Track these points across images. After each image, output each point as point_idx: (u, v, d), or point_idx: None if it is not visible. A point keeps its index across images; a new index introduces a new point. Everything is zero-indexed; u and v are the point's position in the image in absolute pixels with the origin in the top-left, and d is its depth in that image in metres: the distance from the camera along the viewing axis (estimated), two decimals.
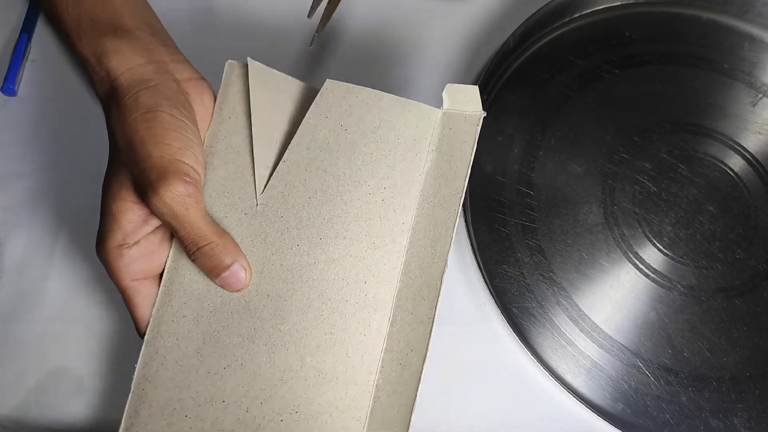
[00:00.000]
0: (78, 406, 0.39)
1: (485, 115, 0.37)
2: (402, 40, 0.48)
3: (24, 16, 0.48)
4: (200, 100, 0.36)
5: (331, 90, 0.37)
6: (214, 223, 0.34)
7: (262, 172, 0.36)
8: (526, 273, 0.42)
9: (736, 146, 0.46)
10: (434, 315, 0.34)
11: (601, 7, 0.50)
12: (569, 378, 0.40)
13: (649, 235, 0.43)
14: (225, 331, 0.34)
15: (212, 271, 0.34)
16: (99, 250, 0.34)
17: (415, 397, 0.33)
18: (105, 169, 0.36)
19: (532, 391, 0.40)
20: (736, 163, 0.46)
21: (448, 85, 0.37)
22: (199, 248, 0.33)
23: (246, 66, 0.37)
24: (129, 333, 0.41)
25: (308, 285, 0.35)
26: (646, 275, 0.42)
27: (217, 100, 0.37)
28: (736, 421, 0.39)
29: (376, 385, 0.34)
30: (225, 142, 0.37)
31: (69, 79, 0.47)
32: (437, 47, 0.48)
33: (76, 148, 0.45)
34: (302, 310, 0.35)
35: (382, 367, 0.35)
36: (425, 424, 0.39)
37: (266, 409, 0.33)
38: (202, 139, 0.36)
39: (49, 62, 0.48)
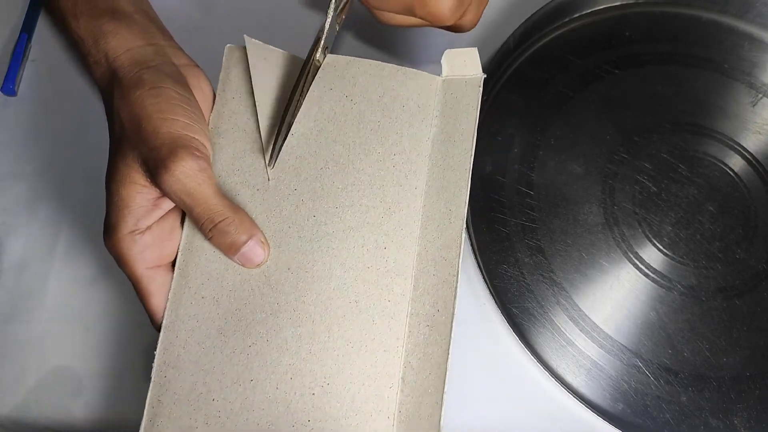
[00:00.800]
0: (78, 406, 0.39)
1: (485, 76, 0.37)
2: (402, 40, 0.48)
3: (24, 16, 0.48)
4: (198, 84, 0.36)
5: (333, 63, 0.37)
6: (228, 199, 0.34)
7: (270, 148, 0.36)
8: (526, 273, 0.42)
9: (736, 146, 0.46)
10: (458, 273, 0.34)
11: (601, 7, 0.50)
12: (569, 378, 0.40)
13: (649, 235, 0.43)
14: (247, 309, 0.34)
15: (230, 248, 0.33)
16: (109, 239, 0.33)
17: (448, 357, 0.33)
18: (104, 170, 0.35)
19: (532, 391, 0.40)
20: (736, 163, 0.46)
21: (447, 51, 0.37)
22: (215, 225, 0.32)
23: (245, 49, 0.37)
24: (129, 333, 0.41)
25: (329, 255, 0.35)
26: (646, 275, 0.42)
27: (219, 82, 0.37)
28: (736, 421, 0.39)
29: (406, 350, 0.34)
30: (230, 122, 0.37)
31: (69, 79, 0.47)
32: (437, 47, 0.48)
33: (76, 148, 0.45)
34: (325, 280, 0.34)
35: (410, 332, 0.34)
36: None
37: (297, 384, 0.33)
38: (207, 120, 0.36)
39: (49, 62, 0.48)
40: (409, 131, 0.37)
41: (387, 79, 0.37)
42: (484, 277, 0.40)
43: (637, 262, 0.43)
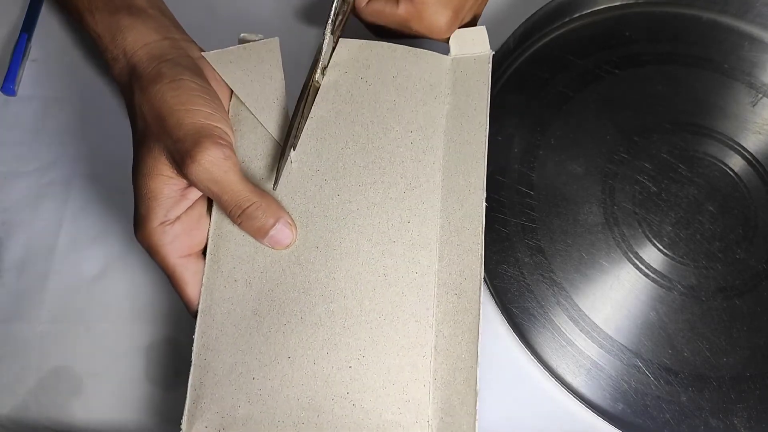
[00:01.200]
0: (78, 406, 0.39)
1: (494, 53, 0.39)
2: (401, 40, 0.48)
3: (24, 16, 0.48)
4: (213, 75, 0.37)
5: (346, 47, 0.38)
6: (253, 184, 0.34)
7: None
8: (526, 273, 0.42)
9: (736, 146, 0.46)
10: (482, 241, 0.35)
11: (601, 7, 0.50)
12: (569, 378, 0.40)
13: (649, 235, 0.43)
14: (279, 289, 0.35)
15: (259, 232, 0.34)
16: (140, 232, 0.34)
17: (478, 322, 0.34)
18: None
19: (532, 391, 0.40)
20: (736, 163, 0.46)
21: (456, 31, 0.39)
22: (243, 210, 0.33)
23: (256, 37, 0.39)
24: (129, 334, 0.41)
25: (355, 231, 0.36)
26: (646, 275, 0.42)
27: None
28: (736, 421, 0.39)
29: (437, 320, 0.35)
30: (249, 109, 0.37)
31: (69, 79, 0.47)
32: (437, 47, 0.48)
33: (77, 148, 0.45)
34: (353, 256, 0.35)
35: (438, 302, 0.35)
36: None
37: (333, 358, 0.34)
38: (227, 109, 0.37)
39: (49, 62, 0.48)
40: (424, 109, 0.38)
41: (399, 60, 0.38)
42: (484, 277, 0.40)
43: (637, 262, 0.43)
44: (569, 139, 0.46)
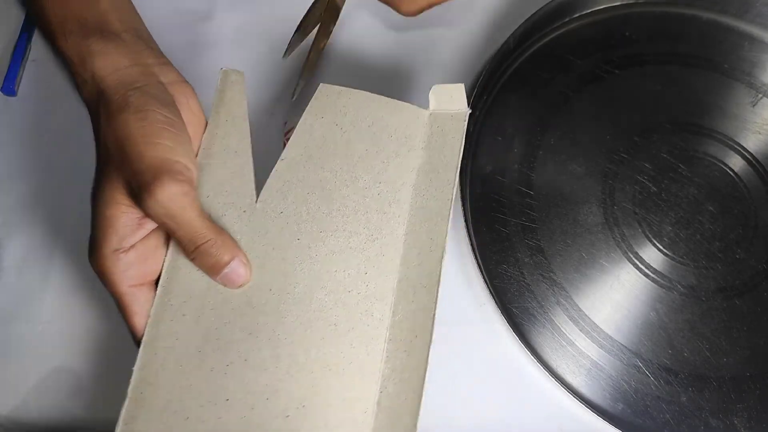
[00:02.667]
0: (78, 406, 0.39)
1: (470, 111, 0.38)
2: (402, 40, 0.48)
3: (24, 16, 0.48)
4: (185, 102, 0.36)
5: (326, 93, 0.38)
6: (211, 221, 0.34)
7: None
8: (526, 273, 0.42)
9: (736, 146, 0.46)
10: (436, 301, 0.34)
11: (601, 7, 0.50)
12: (569, 378, 0.40)
13: (649, 235, 0.43)
14: (227, 328, 0.34)
15: (212, 269, 0.34)
16: (93, 257, 0.33)
17: (423, 383, 0.33)
18: None
19: (532, 391, 0.40)
20: (736, 163, 0.46)
21: (435, 86, 0.38)
22: (197, 247, 0.33)
23: (238, 73, 0.38)
24: (129, 334, 0.41)
25: (310, 277, 0.35)
26: (646, 275, 0.42)
27: (213, 104, 0.38)
28: (736, 421, 0.39)
29: (383, 375, 0.34)
30: (222, 144, 0.37)
31: (69, 79, 0.47)
32: (437, 48, 0.48)
33: (76, 149, 0.45)
34: (305, 303, 0.35)
35: (387, 357, 0.34)
36: (425, 424, 0.39)
37: (272, 406, 0.33)
38: (199, 141, 0.37)
39: (49, 62, 0.48)
40: (395, 161, 0.37)
41: (377, 109, 0.38)
42: (484, 277, 0.40)
43: (637, 262, 0.43)
44: (569, 139, 0.46)
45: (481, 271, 0.40)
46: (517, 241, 0.43)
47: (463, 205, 0.41)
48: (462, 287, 0.42)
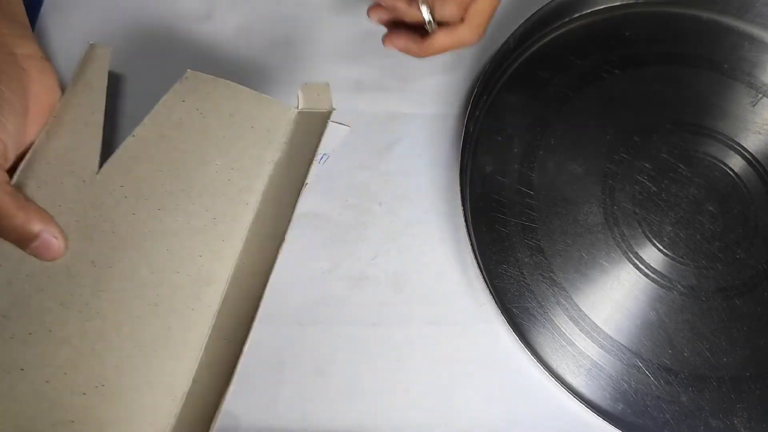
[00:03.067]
0: None
1: (335, 109, 0.39)
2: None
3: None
4: (39, 77, 0.36)
5: (192, 79, 0.38)
6: (17, 195, 0.33)
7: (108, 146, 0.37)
8: (526, 273, 0.42)
9: (736, 146, 0.46)
10: (264, 290, 0.34)
11: (601, 7, 0.50)
12: (569, 378, 0.40)
13: (649, 235, 0.43)
14: (38, 296, 0.33)
15: (21, 243, 0.33)
16: None
17: (233, 375, 0.32)
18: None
19: (532, 391, 0.40)
20: (736, 163, 0.46)
21: (303, 85, 0.39)
22: (3, 221, 0.32)
23: (105, 49, 0.39)
24: None
25: (139, 253, 0.34)
26: (646, 275, 0.42)
27: (73, 75, 0.38)
28: (736, 421, 0.39)
29: (200, 364, 0.33)
30: (74, 114, 0.37)
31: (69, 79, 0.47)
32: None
33: None
34: (127, 279, 0.34)
35: (209, 344, 0.34)
36: (425, 424, 0.39)
37: (69, 381, 0.31)
38: (47, 117, 0.36)
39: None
40: (253, 151, 0.38)
41: (243, 101, 0.38)
42: (484, 277, 0.40)
43: (637, 262, 0.43)
44: (569, 139, 0.46)
45: (481, 271, 0.40)
46: (517, 241, 0.43)
47: (463, 205, 0.41)
48: (462, 287, 0.42)
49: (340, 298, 0.41)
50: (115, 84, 0.45)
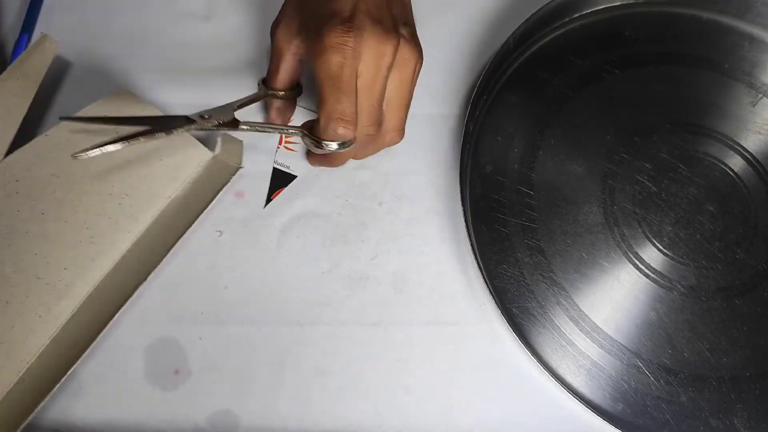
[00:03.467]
0: (78, 406, 0.39)
1: (243, 168, 0.41)
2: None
3: (24, 16, 0.48)
4: None
5: (118, 95, 0.39)
6: None
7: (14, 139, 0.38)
8: (526, 273, 0.42)
9: (736, 146, 0.46)
10: (112, 320, 0.36)
11: (601, 7, 0.50)
12: (569, 378, 0.40)
13: (649, 235, 0.43)
14: None
15: None
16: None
17: (53, 386, 0.34)
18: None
19: (532, 391, 0.40)
20: (736, 163, 0.46)
21: (222, 134, 0.40)
22: None
23: (53, 42, 0.40)
24: (129, 333, 0.41)
25: (9, 250, 0.36)
26: (646, 275, 0.42)
27: (17, 60, 0.39)
28: (736, 421, 0.39)
29: (29, 367, 0.35)
30: (6, 99, 0.38)
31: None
32: (437, 47, 0.48)
33: None
34: None
35: (43, 353, 0.36)
36: (425, 424, 0.39)
37: None
38: None
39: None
40: (153, 183, 0.38)
41: None
42: (484, 277, 0.40)
43: (637, 262, 0.43)
44: (569, 139, 0.46)
45: (481, 271, 0.40)
46: (517, 241, 0.43)
47: (463, 205, 0.41)
48: (462, 287, 0.42)
49: (340, 298, 0.41)
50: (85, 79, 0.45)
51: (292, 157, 0.44)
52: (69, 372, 0.34)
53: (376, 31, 0.34)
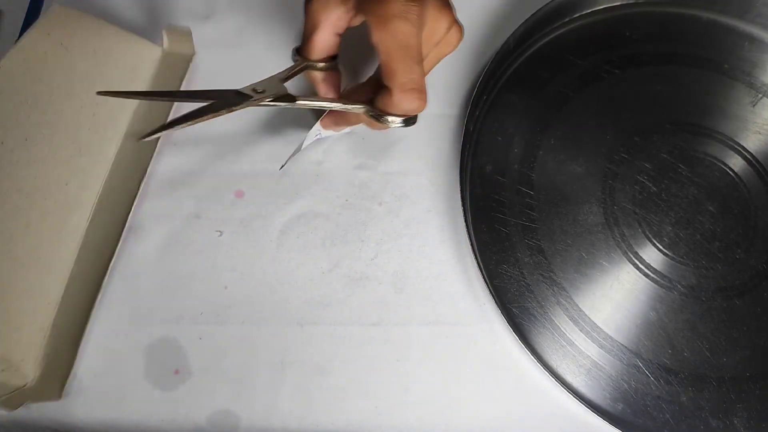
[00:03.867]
0: (78, 406, 0.39)
1: (196, 53, 0.42)
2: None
3: (24, 17, 0.48)
4: None
5: (59, 13, 0.39)
6: None
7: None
8: (526, 273, 0.42)
9: (736, 146, 0.46)
10: (129, 215, 0.40)
11: (601, 7, 0.50)
12: (569, 378, 0.40)
13: (649, 235, 0.43)
14: None
15: None
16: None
17: (103, 280, 0.38)
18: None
19: (532, 391, 0.40)
20: (736, 163, 0.46)
21: (166, 26, 0.42)
22: None
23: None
24: (129, 333, 0.41)
25: (9, 180, 0.37)
26: (646, 275, 0.42)
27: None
28: (736, 421, 0.39)
29: (71, 273, 0.38)
30: None
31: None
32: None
33: None
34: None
35: (79, 258, 0.39)
36: (425, 424, 0.39)
37: None
38: None
39: None
40: (118, 87, 0.40)
41: (108, 38, 0.40)
42: (484, 277, 0.40)
43: (637, 262, 0.43)
44: (569, 139, 0.46)
45: (481, 271, 0.41)
46: (517, 241, 0.43)
47: (463, 205, 0.41)
48: (462, 287, 0.42)
49: (340, 298, 0.41)
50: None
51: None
52: (109, 269, 0.38)
53: (437, 4, 0.33)
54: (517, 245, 0.43)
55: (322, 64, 0.38)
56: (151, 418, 0.39)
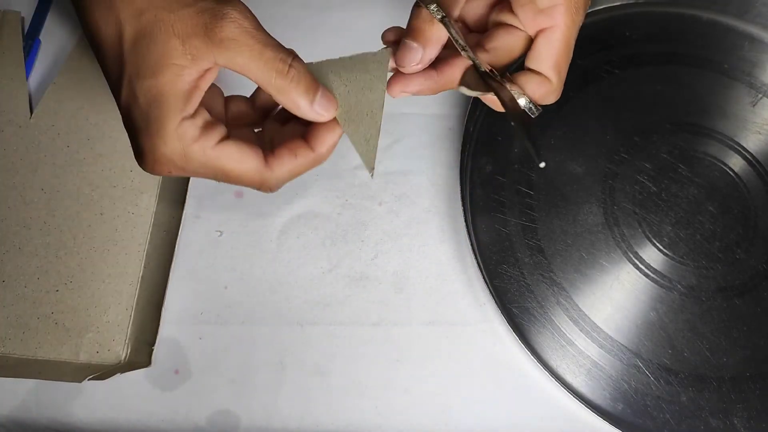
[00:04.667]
0: (78, 406, 0.39)
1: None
2: None
3: (30, 20, 0.48)
4: None
5: None
6: None
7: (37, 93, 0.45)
8: (526, 273, 0.42)
9: (736, 146, 0.46)
10: (186, 196, 0.43)
11: (601, 7, 0.50)
12: (569, 378, 0.40)
13: (649, 235, 0.43)
14: (4, 224, 0.42)
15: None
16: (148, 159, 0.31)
17: (172, 256, 0.41)
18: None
19: (532, 391, 0.40)
20: (736, 163, 0.45)
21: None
22: None
23: (14, 14, 0.46)
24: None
25: (78, 177, 0.43)
26: (646, 275, 0.42)
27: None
28: (736, 421, 0.39)
29: (146, 254, 0.42)
30: (3, 72, 0.45)
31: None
32: None
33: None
34: (73, 198, 0.43)
35: (151, 238, 0.42)
36: (425, 424, 0.39)
37: (42, 283, 0.41)
38: None
39: (51, 64, 0.48)
40: None
41: None
42: (484, 277, 0.40)
43: (637, 262, 0.43)
44: (569, 139, 0.45)
45: (481, 271, 0.41)
46: (517, 241, 0.43)
47: (463, 205, 0.41)
48: (462, 287, 0.42)
49: (340, 298, 0.41)
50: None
51: None
52: (178, 240, 0.41)
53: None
54: (517, 245, 0.43)
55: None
56: (151, 418, 0.39)
